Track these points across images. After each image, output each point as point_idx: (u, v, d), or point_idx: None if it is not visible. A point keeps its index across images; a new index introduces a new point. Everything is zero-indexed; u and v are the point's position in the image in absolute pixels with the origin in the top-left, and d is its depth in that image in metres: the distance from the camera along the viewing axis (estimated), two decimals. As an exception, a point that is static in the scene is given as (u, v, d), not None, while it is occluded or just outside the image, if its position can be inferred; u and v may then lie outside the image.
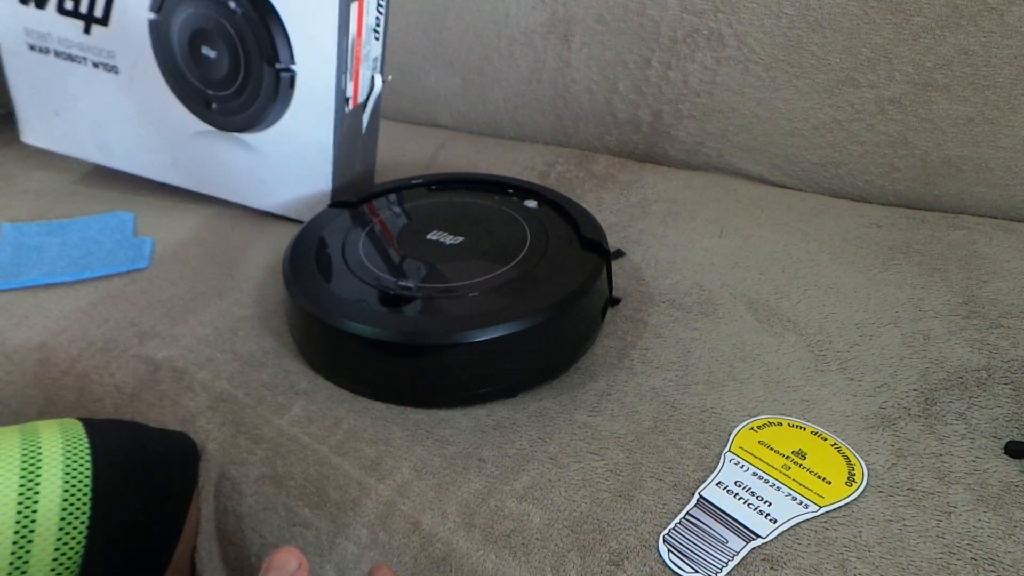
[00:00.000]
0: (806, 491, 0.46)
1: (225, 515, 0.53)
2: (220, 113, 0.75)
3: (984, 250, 0.68)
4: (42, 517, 0.44)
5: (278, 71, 0.70)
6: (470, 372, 0.53)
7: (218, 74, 0.73)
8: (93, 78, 0.77)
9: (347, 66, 0.70)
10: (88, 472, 0.47)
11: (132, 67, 0.75)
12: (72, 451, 0.47)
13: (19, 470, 0.45)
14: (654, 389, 0.54)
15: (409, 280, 0.57)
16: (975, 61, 0.72)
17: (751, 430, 0.50)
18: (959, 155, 0.75)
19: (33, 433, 0.48)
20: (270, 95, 0.71)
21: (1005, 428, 0.49)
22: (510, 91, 0.97)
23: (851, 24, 0.76)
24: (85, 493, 0.46)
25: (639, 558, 0.42)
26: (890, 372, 0.55)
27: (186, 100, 0.75)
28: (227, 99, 0.73)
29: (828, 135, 0.80)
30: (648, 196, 0.81)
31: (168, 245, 0.74)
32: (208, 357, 0.59)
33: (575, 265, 0.58)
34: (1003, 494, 0.45)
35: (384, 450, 0.51)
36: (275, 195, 0.77)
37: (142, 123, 0.78)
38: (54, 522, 0.45)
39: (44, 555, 0.44)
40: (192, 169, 0.79)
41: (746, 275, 0.67)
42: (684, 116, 0.87)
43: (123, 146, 0.81)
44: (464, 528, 0.45)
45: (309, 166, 0.74)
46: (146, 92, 0.76)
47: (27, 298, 0.67)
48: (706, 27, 0.83)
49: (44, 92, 0.81)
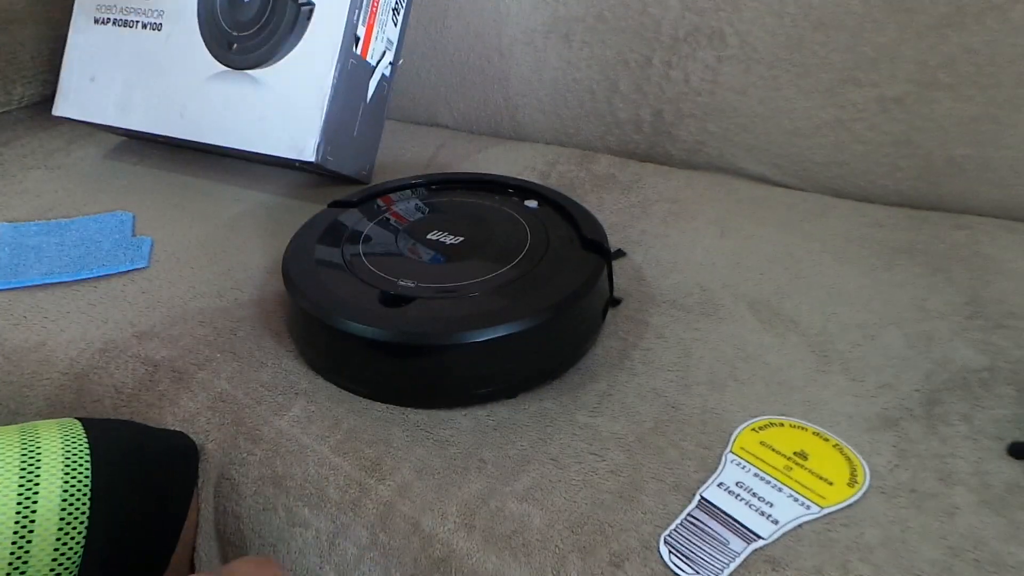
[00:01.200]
0: (808, 492, 0.45)
1: (224, 515, 0.53)
2: (238, 52, 0.79)
3: (988, 250, 0.68)
4: (41, 517, 0.44)
5: (300, 5, 0.75)
6: (470, 372, 0.53)
7: (247, 15, 0.79)
8: (137, 39, 0.85)
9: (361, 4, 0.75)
10: (88, 472, 0.47)
11: (174, 23, 0.83)
12: (72, 451, 0.47)
13: (18, 470, 0.45)
14: (655, 390, 0.54)
15: (409, 280, 0.57)
16: (979, 60, 0.71)
17: (752, 431, 0.50)
18: (963, 155, 0.74)
19: (32, 433, 0.48)
20: (288, 29, 0.76)
21: (1008, 429, 0.49)
22: (510, 91, 0.97)
23: (854, 23, 0.76)
24: (85, 493, 0.46)
25: (640, 559, 0.42)
26: (893, 373, 0.55)
27: (211, 44, 0.81)
28: (248, 38, 0.79)
29: (831, 134, 0.80)
30: (649, 196, 0.81)
31: (167, 245, 0.74)
32: (207, 357, 0.59)
33: (576, 265, 0.58)
34: (1006, 495, 0.45)
35: (384, 450, 0.50)
36: (271, 133, 0.79)
37: (165, 75, 0.84)
38: (53, 522, 0.44)
39: (43, 555, 0.44)
40: (197, 118, 0.82)
41: (748, 275, 0.66)
42: (685, 115, 0.87)
43: (141, 103, 0.85)
44: (464, 529, 0.45)
45: (308, 97, 0.76)
46: (178, 43, 0.83)
47: (26, 298, 0.66)
48: (708, 26, 0.82)
49: (89, 61, 0.89)
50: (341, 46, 0.75)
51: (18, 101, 1.06)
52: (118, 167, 0.91)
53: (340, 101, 0.77)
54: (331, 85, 0.76)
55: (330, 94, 0.76)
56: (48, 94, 1.07)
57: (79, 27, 0.90)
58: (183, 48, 0.82)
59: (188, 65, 0.82)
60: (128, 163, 0.92)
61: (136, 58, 0.85)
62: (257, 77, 0.78)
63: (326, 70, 0.76)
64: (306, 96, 0.76)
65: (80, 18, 0.90)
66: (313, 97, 0.76)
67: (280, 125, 0.77)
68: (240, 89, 0.79)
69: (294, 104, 0.77)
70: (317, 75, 0.76)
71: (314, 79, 0.76)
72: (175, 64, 0.83)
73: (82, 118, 0.89)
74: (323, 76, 0.76)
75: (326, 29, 0.76)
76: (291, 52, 0.77)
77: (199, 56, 0.81)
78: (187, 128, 0.82)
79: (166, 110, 0.83)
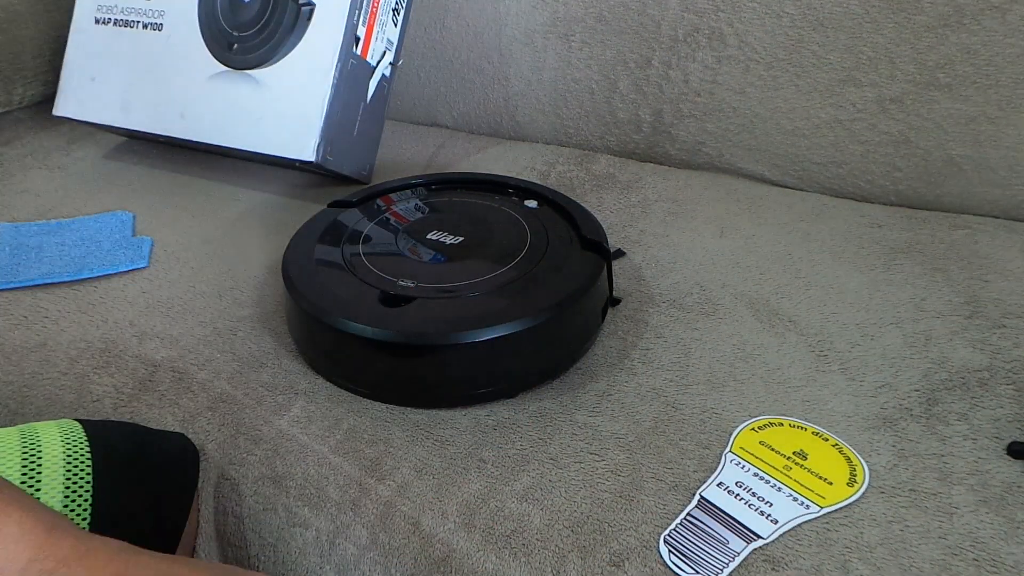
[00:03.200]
0: (807, 492, 0.45)
1: (225, 516, 0.53)
2: (239, 53, 0.80)
3: (986, 250, 0.68)
4: (41, 518, 0.44)
5: (300, 6, 0.75)
6: (470, 372, 0.53)
7: (248, 16, 0.79)
8: (138, 39, 0.85)
9: (361, 4, 0.75)
10: (88, 474, 0.47)
11: (175, 23, 0.84)
12: (72, 453, 0.47)
13: (19, 472, 0.45)
14: (655, 389, 0.54)
15: (409, 280, 0.57)
16: (977, 60, 0.71)
17: (752, 430, 0.50)
18: (961, 154, 0.74)
19: (32, 434, 0.48)
20: (288, 29, 0.77)
21: (1007, 429, 0.49)
22: (510, 91, 0.97)
23: (853, 23, 0.76)
24: (86, 497, 0.46)
25: (640, 559, 0.42)
26: (892, 372, 0.55)
27: (211, 45, 0.82)
28: (249, 38, 0.79)
29: (829, 134, 0.80)
30: (649, 196, 0.81)
31: (167, 245, 0.74)
32: (207, 357, 0.59)
33: (575, 265, 0.58)
34: (1005, 495, 0.45)
35: (384, 450, 0.50)
36: (271, 133, 0.79)
37: (166, 75, 0.84)
38: (53, 523, 0.44)
39: (43, 556, 0.44)
40: (197, 118, 0.82)
41: (747, 275, 0.66)
42: (685, 115, 0.87)
43: (142, 103, 0.85)
44: (464, 529, 0.45)
45: (308, 97, 0.76)
46: (179, 43, 0.83)
47: (26, 298, 0.67)
48: (707, 26, 0.83)
49: (90, 61, 0.89)
50: (341, 46, 0.75)
51: (19, 101, 1.06)
52: (118, 167, 0.91)
53: (340, 101, 0.77)
54: (331, 85, 0.76)
55: (330, 94, 0.76)
56: (49, 94, 1.06)
57: (80, 27, 0.90)
58: (184, 48, 0.83)
59: (188, 65, 0.82)
60: (128, 163, 0.92)
61: (137, 58, 0.85)
62: (257, 77, 0.78)
63: (326, 70, 0.76)
64: (306, 96, 0.76)
65: (81, 18, 0.90)
66: (313, 97, 0.76)
67: (280, 125, 0.77)
68: (240, 89, 0.79)
69: (294, 104, 0.77)
70: (317, 75, 0.76)
71: (314, 79, 0.76)
72: (176, 64, 0.83)
73: (82, 118, 0.89)
74: (323, 76, 0.76)
75: (326, 29, 0.76)
76: (291, 52, 0.77)
77: (199, 56, 0.82)
78: (187, 128, 0.82)
79: (166, 110, 0.83)
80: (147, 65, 0.85)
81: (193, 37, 0.82)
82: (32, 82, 1.06)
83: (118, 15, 0.87)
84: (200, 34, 0.82)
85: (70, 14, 0.92)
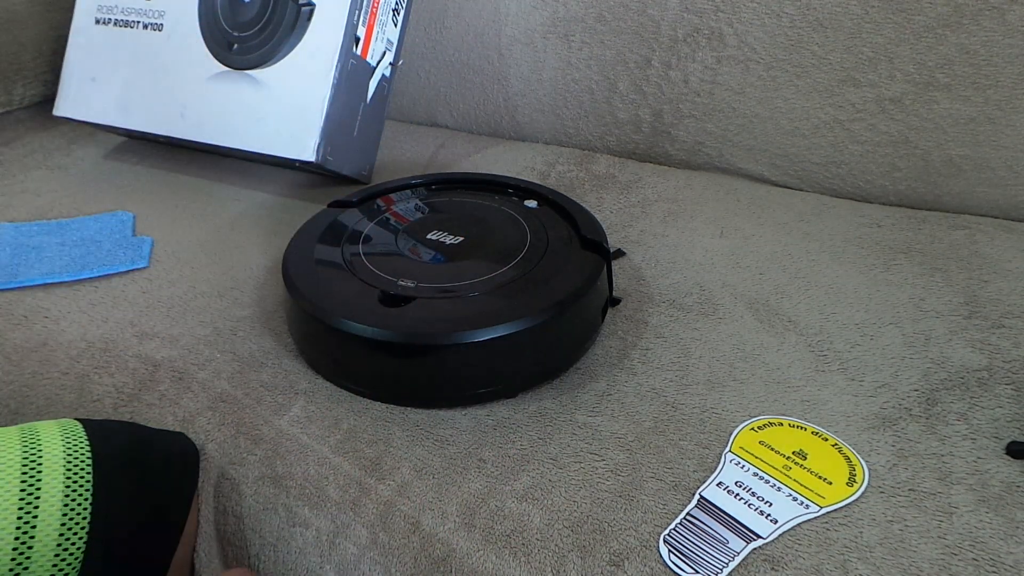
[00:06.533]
0: (807, 491, 0.46)
1: (225, 515, 0.53)
2: (239, 53, 0.80)
3: (986, 250, 0.68)
4: (43, 520, 0.44)
5: (300, 6, 0.76)
6: (470, 372, 0.53)
7: (248, 16, 0.79)
8: (138, 39, 0.86)
9: (361, 4, 0.75)
10: (89, 473, 0.47)
11: (175, 23, 0.84)
12: (73, 453, 0.47)
13: (20, 472, 0.45)
14: (654, 389, 0.54)
15: (409, 280, 0.57)
16: (977, 60, 0.71)
17: (752, 430, 0.50)
18: (960, 155, 0.74)
19: (33, 434, 0.48)
20: (288, 29, 0.77)
21: (1007, 428, 0.49)
22: (510, 91, 0.97)
23: (852, 23, 0.76)
24: (86, 497, 0.46)
25: (639, 559, 0.42)
26: (891, 372, 0.55)
27: (211, 44, 0.82)
28: (249, 39, 0.79)
29: (829, 135, 0.80)
30: (648, 196, 0.81)
31: (168, 245, 0.74)
32: (208, 357, 0.59)
33: (575, 265, 0.58)
34: (1005, 495, 0.45)
35: (384, 450, 0.51)
36: (271, 133, 0.79)
37: (166, 75, 0.84)
38: (55, 525, 0.44)
39: (45, 557, 0.44)
40: (197, 118, 0.82)
41: (746, 275, 0.67)
42: (685, 116, 0.87)
43: (142, 103, 0.85)
44: (464, 528, 0.45)
45: (308, 97, 0.76)
46: (179, 43, 0.84)
47: (26, 298, 0.67)
48: (707, 26, 0.83)
49: (90, 61, 0.89)
50: (341, 46, 0.75)
51: (19, 101, 1.06)
52: (118, 167, 0.91)
53: (340, 101, 0.77)
54: (331, 85, 0.76)
55: (330, 94, 0.76)
56: (49, 94, 1.07)
57: (80, 27, 0.90)
58: (184, 48, 0.83)
59: (189, 65, 0.82)
60: (128, 163, 0.92)
61: (137, 58, 0.85)
62: (257, 77, 0.79)
63: (326, 70, 0.76)
64: (306, 96, 0.76)
65: (81, 18, 0.90)
66: (313, 97, 0.76)
67: (280, 125, 0.78)
68: (240, 89, 0.79)
69: (294, 104, 0.77)
70: (317, 75, 0.76)
71: (314, 79, 0.76)
72: (176, 64, 0.83)
73: (83, 118, 0.89)
74: (323, 76, 0.76)
75: (326, 29, 0.76)
76: (291, 52, 0.77)
77: (199, 56, 0.82)
78: (187, 128, 0.82)
79: (167, 110, 0.83)
80: (147, 65, 0.85)
81: (193, 37, 0.82)
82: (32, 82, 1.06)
83: (118, 15, 0.87)
84: (200, 34, 0.82)
85: (70, 14, 0.92)
